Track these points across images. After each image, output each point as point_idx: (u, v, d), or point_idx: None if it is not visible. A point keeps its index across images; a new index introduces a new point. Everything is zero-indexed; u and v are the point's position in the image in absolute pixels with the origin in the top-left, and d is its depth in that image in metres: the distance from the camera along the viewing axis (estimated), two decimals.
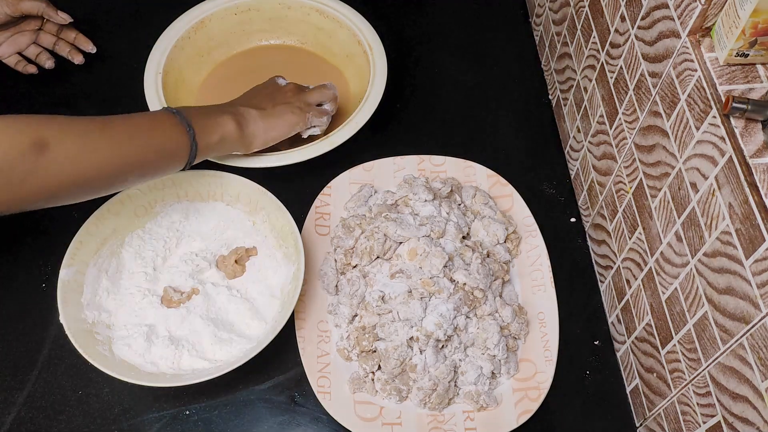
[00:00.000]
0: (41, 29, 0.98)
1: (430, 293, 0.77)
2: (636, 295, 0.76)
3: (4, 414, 0.76)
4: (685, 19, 0.61)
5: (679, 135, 0.64)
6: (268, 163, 0.85)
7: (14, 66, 0.98)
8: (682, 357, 0.66)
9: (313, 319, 0.81)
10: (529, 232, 0.87)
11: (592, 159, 0.86)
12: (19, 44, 0.97)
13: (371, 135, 0.90)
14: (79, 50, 1.01)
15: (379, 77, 0.92)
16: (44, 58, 0.98)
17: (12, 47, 0.96)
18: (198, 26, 0.98)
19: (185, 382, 0.72)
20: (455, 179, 0.90)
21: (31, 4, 0.92)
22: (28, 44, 0.98)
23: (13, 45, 0.96)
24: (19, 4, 0.91)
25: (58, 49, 0.99)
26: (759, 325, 0.53)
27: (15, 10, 0.91)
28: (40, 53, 0.99)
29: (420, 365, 0.76)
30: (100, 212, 0.81)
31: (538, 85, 1.04)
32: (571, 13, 0.90)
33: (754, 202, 0.52)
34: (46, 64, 0.98)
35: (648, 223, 0.72)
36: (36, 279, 0.84)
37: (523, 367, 0.79)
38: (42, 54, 0.99)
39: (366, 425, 0.75)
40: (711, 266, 0.59)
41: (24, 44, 0.97)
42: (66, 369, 0.78)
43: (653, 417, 0.74)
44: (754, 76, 0.58)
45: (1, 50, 0.96)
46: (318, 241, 0.86)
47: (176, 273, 0.82)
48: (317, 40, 1.03)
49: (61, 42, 1.00)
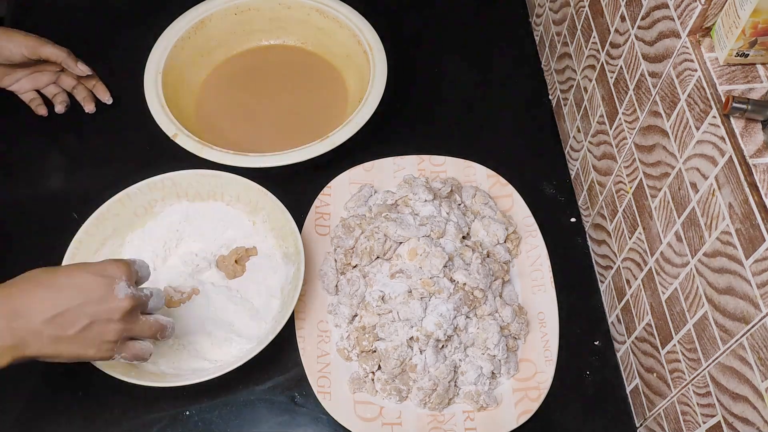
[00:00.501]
0: (63, 71, 0.96)
1: (430, 293, 0.77)
2: (636, 295, 0.76)
3: (5, 414, 0.76)
4: (685, 19, 0.61)
5: (679, 135, 0.64)
6: (268, 163, 0.85)
7: (28, 102, 0.96)
8: (682, 357, 0.66)
9: (313, 319, 0.81)
10: (529, 232, 0.87)
11: (592, 159, 0.86)
12: (37, 82, 0.96)
13: (371, 135, 0.90)
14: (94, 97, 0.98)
15: (379, 77, 0.92)
16: (59, 99, 0.97)
17: (30, 84, 0.96)
18: (198, 26, 0.98)
19: (185, 382, 0.72)
20: (455, 179, 0.90)
21: (51, 51, 0.90)
22: (47, 83, 0.97)
23: (32, 82, 0.96)
24: (39, 48, 0.89)
25: (75, 93, 0.98)
26: (759, 325, 0.53)
27: (34, 54, 0.89)
28: (57, 94, 0.97)
29: (420, 365, 0.76)
30: (100, 212, 0.81)
31: (538, 85, 1.04)
32: (571, 13, 0.90)
33: (754, 202, 0.52)
34: (57, 107, 0.97)
35: (648, 223, 0.72)
36: None
37: (523, 367, 0.79)
38: (59, 95, 0.97)
39: (366, 425, 0.75)
40: (711, 266, 0.59)
41: (43, 83, 0.96)
42: (66, 369, 0.78)
43: (653, 417, 0.74)
44: (754, 76, 0.58)
45: (19, 85, 0.95)
46: (318, 241, 0.86)
47: (176, 273, 0.82)
48: (317, 40, 1.03)
49: (80, 87, 0.97)
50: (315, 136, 0.88)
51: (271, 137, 0.95)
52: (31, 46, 0.89)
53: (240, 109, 0.99)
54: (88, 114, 0.97)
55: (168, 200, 0.85)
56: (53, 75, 0.96)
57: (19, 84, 0.95)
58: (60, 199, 0.91)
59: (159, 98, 0.90)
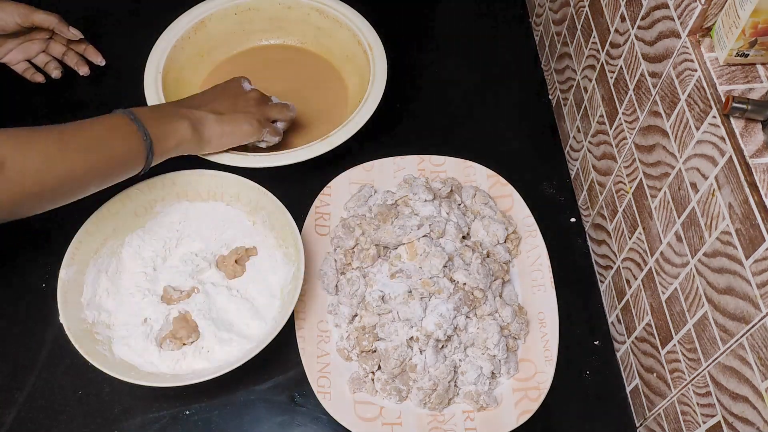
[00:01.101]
0: (51, 38, 0.98)
1: (430, 293, 0.77)
2: (636, 295, 0.76)
3: (5, 413, 0.76)
4: (685, 19, 0.61)
5: (679, 135, 0.64)
6: (268, 163, 0.85)
7: (22, 73, 0.98)
8: (682, 357, 0.66)
9: (313, 319, 0.81)
10: (529, 232, 0.87)
11: (592, 159, 0.86)
12: (28, 52, 0.97)
13: (371, 135, 0.90)
14: (87, 62, 1.01)
15: (379, 77, 0.92)
16: (52, 67, 0.98)
17: (21, 54, 0.96)
18: (198, 26, 0.98)
19: (185, 382, 0.72)
20: (455, 179, 0.90)
21: (43, 18, 0.91)
22: (37, 52, 0.98)
23: (23, 52, 0.96)
24: (31, 15, 0.90)
25: (66, 59, 1.00)
26: (759, 325, 0.53)
27: (26, 20, 0.91)
28: (49, 62, 0.98)
29: (420, 365, 0.76)
30: (100, 212, 0.81)
31: (538, 85, 1.04)
32: (571, 13, 0.90)
33: (754, 202, 0.52)
34: (53, 73, 0.98)
35: (648, 223, 0.72)
36: (36, 279, 0.84)
37: (523, 367, 0.79)
38: (50, 63, 0.98)
39: (366, 425, 0.75)
40: (711, 266, 0.59)
41: (34, 52, 0.97)
42: (66, 369, 0.78)
43: (653, 417, 0.74)
44: (754, 76, 0.58)
45: (11, 57, 0.96)
46: (318, 241, 0.86)
47: (176, 273, 0.82)
48: (317, 40, 1.03)
49: (71, 52, 1.00)
50: (315, 136, 0.88)
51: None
52: (23, 13, 0.90)
53: None
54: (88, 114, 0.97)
55: (168, 200, 0.85)
56: (43, 43, 0.97)
57: (11, 55, 0.95)
58: None
59: (159, 98, 0.90)
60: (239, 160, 0.85)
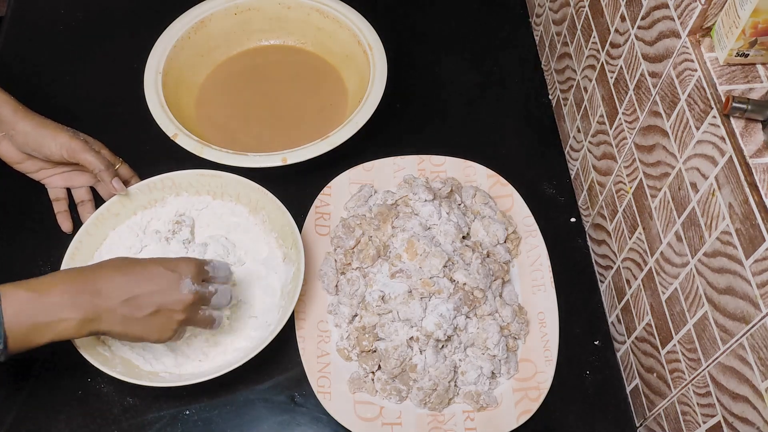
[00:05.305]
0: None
1: (430, 293, 0.77)
2: (636, 295, 0.76)
3: (5, 413, 0.76)
4: (685, 19, 0.61)
5: (679, 135, 0.64)
6: (268, 163, 0.85)
7: (53, 200, 0.87)
8: (682, 357, 0.66)
9: (313, 319, 0.81)
10: (529, 232, 0.87)
11: (592, 159, 0.86)
12: (72, 182, 0.87)
13: (371, 135, 0.90)
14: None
15: (379, 77, 0.92)
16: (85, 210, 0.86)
17: (63, 181, 0.87)
18: (198, 26, 0.98)
19: (185, 382, 0.72)
20: (455, 179, 0.90)
21: (90, 161, 0.81)
22: (81, 185, 0.87)
23: (67, 180, 0.87)
24: (78, 155, 0.81)
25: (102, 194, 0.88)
26: (759, 325, 0.53)
27: (72, 158, 0.81)
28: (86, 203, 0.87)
29: (420, 365, 0.76)
30: (100, 212, 0.81)
31: (538, 85, 1.04)
32: (571, 13, 0.90)
33: (754, 202, 0.52)
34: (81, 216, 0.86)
35: (648, 223, 0.72)
36: None
37: (523, 367, 0.79)
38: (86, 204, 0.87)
39: (366, 425, 0.75)
40: (711, 266, 0.59)
41: (78, 184, 0.87)
42: (66, 369, 0.78)
43: (653, 417, 0.74)
44: (754, 76, 0.58)
45: (52, 180, 0.86)
46: (318, 241, 0.86)
47: None
48: (317, 40, 1.03)
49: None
50: (315, 136, 0.88)
51: (271, 137, 0.95)
52: (72, 149, 0.81)
53: (240, 109, 0.99)
54: (88, 114, 0.97)
55: (168, 200, 0.85)
56: (90, 178, 0.87)
57: (53, 179, 0.86)
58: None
59: (159, 98, 0.90)
60: (239, 160, 0.85)
